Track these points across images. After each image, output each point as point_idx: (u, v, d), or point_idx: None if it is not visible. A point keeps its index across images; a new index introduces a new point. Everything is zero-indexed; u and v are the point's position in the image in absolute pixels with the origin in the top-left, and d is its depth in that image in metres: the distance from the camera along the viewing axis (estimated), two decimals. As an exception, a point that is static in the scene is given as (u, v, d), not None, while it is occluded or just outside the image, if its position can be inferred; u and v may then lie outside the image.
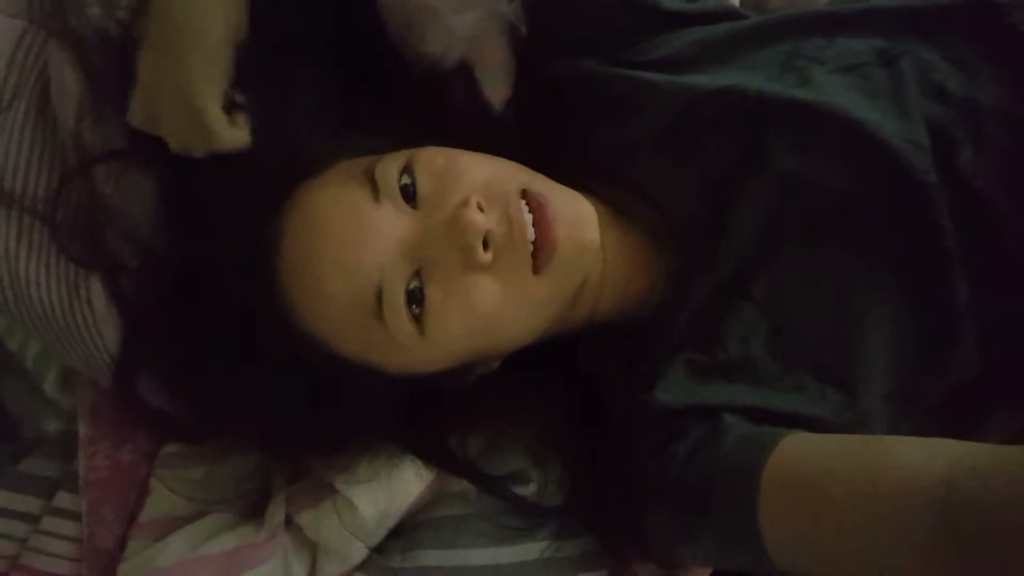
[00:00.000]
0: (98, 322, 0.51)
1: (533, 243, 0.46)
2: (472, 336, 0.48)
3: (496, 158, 0.50)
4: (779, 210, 0.51)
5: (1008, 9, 0.50)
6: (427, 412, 0.54)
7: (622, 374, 0.54)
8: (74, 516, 0.54)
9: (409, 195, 0.47)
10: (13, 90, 0.51)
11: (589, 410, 0.55)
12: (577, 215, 0.49)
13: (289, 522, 0.54)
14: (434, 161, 0.48)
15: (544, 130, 0.57)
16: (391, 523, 0.54)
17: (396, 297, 0.45)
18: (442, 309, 0.46)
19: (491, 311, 0.47)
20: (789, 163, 0.50)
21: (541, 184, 0.49)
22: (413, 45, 0.56)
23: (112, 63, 0.50)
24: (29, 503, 0.54)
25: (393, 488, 0.53)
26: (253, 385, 0.48)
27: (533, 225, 0.46)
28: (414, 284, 0.46)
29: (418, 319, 0.46)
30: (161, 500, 0.54)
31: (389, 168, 0.47)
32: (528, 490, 0.54)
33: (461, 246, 0.45)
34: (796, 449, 0.44)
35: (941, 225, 0.48)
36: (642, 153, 0.55)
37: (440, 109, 0.57)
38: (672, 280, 0.53)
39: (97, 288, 0.51)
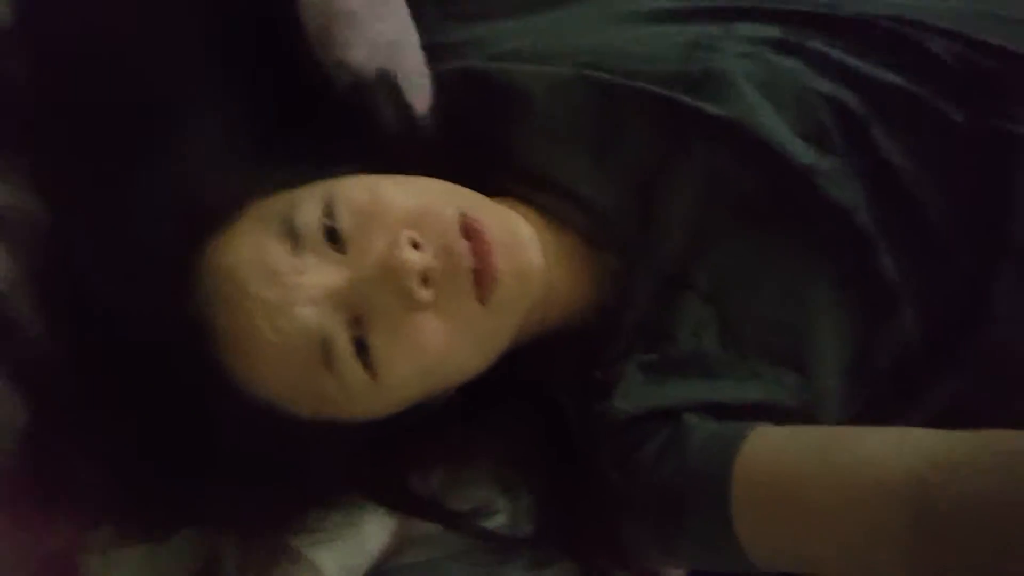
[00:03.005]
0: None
1: (475, 274, 0.44)
2: (425, 375, 0.46)
3: (423, 180, 0.48)
4: (706, 200, 0.51)
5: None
6: (384, 455, 0.51)
7: (576, 385, 0.53)
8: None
9: (334, 236, 0.44)
10: None
11: (550, 428, 0.54)
12: (515, 238, 0.46)
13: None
14: (355, 196, 0.45)
15: (460, 138, 0.55)
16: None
17: (342, 348, 0.43)
18: (389, 354, 0.44)
19: (440, 349, 0.45)
20: (705, 157, 0.51)
21: (476, 207, 0.46)
22: (333, 53, 0.52)
23: None
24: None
25: (357, 541, 0.50)
26: (208, 469, 0.45)
27: (472, 253, 0.44)
28: (357, 332, 0.43)
29: (368, 366, 0.44)
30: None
31: (308, 211, 0.44)
32: (497, 521, 0.52)
33: (397, 288, 0.42)
34: (762, 448, 0.44)
35: (838, 204, 0.49)
36: (560, 151, 0.54)
37: (361, 126, 0.53)
38: (614, 281, 0.53)
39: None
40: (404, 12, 0.55)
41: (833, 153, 0.50)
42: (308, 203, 0.44)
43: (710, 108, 0.50)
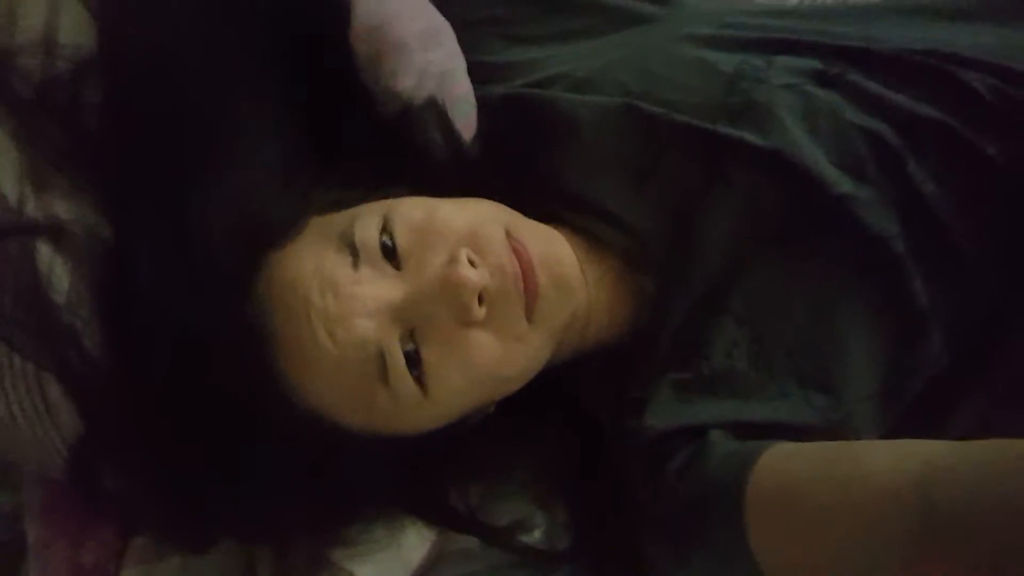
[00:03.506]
0: (53, 413, 0.45)
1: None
2: (474, 391, 0.47)
3: (473, 201, 0.49)
4: (743, 226, 0.52)
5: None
6: (425, 469, 0.51)
7: (611, 402, 0.54)
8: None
9: (391, 253, 0.45)
10: None
11: (586, 445, 0.54)
12: (554, 255, 0.48)
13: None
14: (412, 216, 0.46)
15: (505, 162, 0.57)
16: None
17: (397, 361, 0.44)
18: (442, 368, 0.45)
19: (491, 364, 0.46)
20: (744, 185, 0.52)
21: (518, 225, 0.48)
22: (383, 82, 0.53)
23: (53, 123, 0.45)
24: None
25: (396, 554, 0.50)
26: (253, 479, 0.45)
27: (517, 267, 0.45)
28: (409, 347, 0.44)
29: (420, 380, 0.44)
30: (136, 601, 0.48)
31: (367, 228, 0.45)
32: (534, 536, 0.52)
33: (455, 304, 0.44)
34: (776, 463, 0.44)
35: (873, 231, 0.50)
36: (602, 177, 0.55)
37: (411, 151, 0.54)
38: (651, 302, 0.54)
39: (50, 377, 0.44)
40: (453, 41, 0.57)
41: (869, 183, 0.51)
42: (366, 219, 0.46)
43: (751, 138, 0.52)
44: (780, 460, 0.44)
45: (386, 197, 0.48)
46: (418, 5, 0.56)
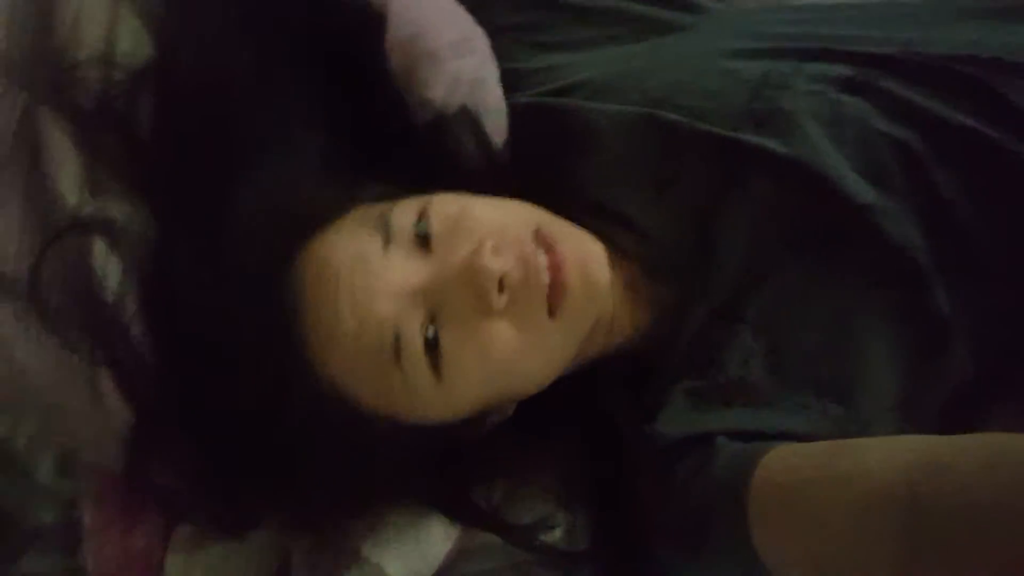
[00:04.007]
0: (106, 404, 0.48)
1: (548, 287, 0.46)
2: (490, 382, 0.48)
3: (508, 201, 0.51)
4: (763, 235, 0.53)
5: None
6: (449, 465, 0.53)
7: (628, 408, 0.55)
8: (83, 611, 0.51)
9: (423, 242, 0.47)
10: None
11: (606, 448, 0.55)
12: (586, 254, 0.49)
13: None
14: (447, 208, 0.48)
15: (528, 169, 0.58)
16: None
17: (413, 343, 0.45)
18: (458, 355, 0.46)
19: (508, 356, 0.47)
20: (765, 193, 0.53)
21: (552, 224, 0.49)
22: (416, 91, 0.56)
23: (111, 130, 0.49)
24: (35, 603, 0.51)
25: (422, 548, 0.52)
26: (280, 447, 0.47)
27: (547, 264, 0.46)
28: (430, 330, 0.45)
29: (435, 366, 0.46)
30: (177, 584, 0.51)
31: (405, 214, 0.47)
32: (555, 536, 0.54)
33: (475, 291, 0.45)
34: (778, 461, 0.45)
35: (896, 242, 0.50)
36: (623, 185, 0.56)
37: (445, 156, 0.57)
38: (669, 311, 0.54)
39: (103, 370, 0.48)
40: (485, 48, 0.59)
41: (893, 192, 0.51)
42: (406, 206, 0.48)
43: (774, 145, 0.52)
44: (783, 459, 0.45)
45: (429, 193, 0.50)
46: (452, 13, 0.58)
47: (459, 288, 0.45)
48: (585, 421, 0.56)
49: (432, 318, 0.46)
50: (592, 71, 0.60)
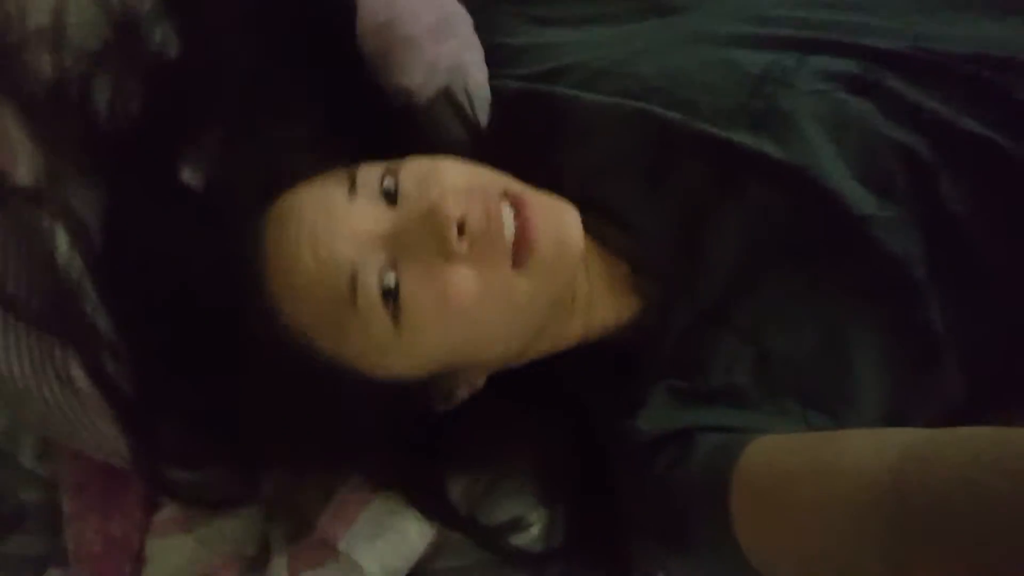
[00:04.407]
0: (78, 392, 0.48)
1: (514, 240, 0.45)
2: (449, 331, 0.47)
3: (481, 166, 0.49)
4: (755, 240, 0.51)
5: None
6: (422, 451, 0.52)
7: (607, 402, 0.53)
8: (66, 592, 0.52)
9: (390, 198, 0.46)
10: None
11: (583, 442, 0.55)
12: (559, 215, 0.48)
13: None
14: (418, 166, 0.48)
15: (517, 156, 0.55)
16: None
17: (370, 287, 0.45)
18: (417, 300, 0.45)
19: (467, 303, 0.45)
20: (759, 198, 0.50)
21: (525, 189, 0.48)
22: (392, 78, 0.53)
23: (67, 118, 0.47)
24: (16, 584, 0.52)
25: (398, 545, 0.52)
26: (242, 396, 0.47)
27: (514, 220, 0.46)
28: (389, 275, 0.45)
29: (394, 315, 0.45)
30: (159, 568, 0.52)
31: (372, 170, 0.47)
32: (533, 533, 0.53)
33: (435, 234, 0.44)
34: (760, 453, 0.43)
35: (893, 255, 0.48)
36: (614, 178, 0.54)
37: (425, 139, 0.54)
38: (654, 307, 0.53)
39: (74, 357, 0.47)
40: (468, 30, 0.56)
41: (895, 201, 0.49)
42: (374, 165, 0.47)
43: (770, 150, 0.50)
44: (765, 450, 0.44)
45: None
46: None
47: (420, 232, 0.45)
48: (565, 415, 0.55)
49: (393, 264, 0.45)
50: (587, 53, 0.57)
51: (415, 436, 0.51)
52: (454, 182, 0.46)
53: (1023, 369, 0.50)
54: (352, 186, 0.46)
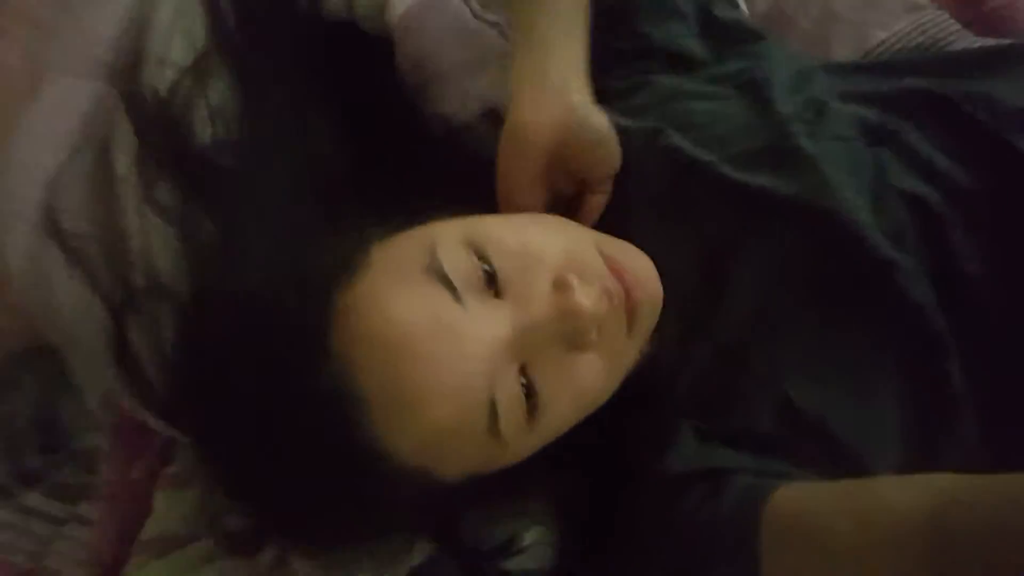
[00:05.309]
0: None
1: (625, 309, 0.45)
2: (577, 415, 0.47)
3: (550, 219, 0.49)
4: (777, 280, 0.49)
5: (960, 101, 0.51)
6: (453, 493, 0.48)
7: (634, 438, 0.52)
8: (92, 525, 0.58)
9: (490, 278, 0.43)
10: (84, 141, 0.55)
11: (595, 471, 0.53)
12: (648, 272, 0.48)
13: (283, 563, 0.53)
14: (504, 240, 0.44)
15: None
16: None
17: (511, 404, 0.41)
18: (554, 398, 0.44)
19: (599, 387, 0.46)
20: (785, 237, 0.50)
21: (607, 243, 0.48)
22: (430, 107, 0.57)
23: (161, 119, 0.53)
24: (58, 508, 0.59)
25: (390, 555, 0.51)
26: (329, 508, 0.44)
27: (615, 283, 0.45)
28: (522, 379, 0.42)
29: (530, 415, 0.43)
30: (160, 519, 0.56)
31: (453, 256, 0.42)
32: (524, 560, 0.51)
33: (573, 334, 0.43)
34: (791, 496, 0.43)
35: (916, 303, 0.47)
36: (639, 211, 0.53)
37: (459, 169, 0.55)
38: (670, 340, 0.51)
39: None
40: (501, 60, 0.56)
41: (909, 252, 0.48)
42: (449, 246, 0.43)
43: (795, 191, 0.49)
44: (795, 493, 0.43)
45: (444, 218, 0.47)
46: (467, 32, 0.58)
47: (553, 332, 0.42)
48: (587, 447, 0.52)
49: (522, 370, 0.42)
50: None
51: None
52: (555, 257, 0.44)
53: None
54: (449, 286, 0.41)
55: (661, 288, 0.48)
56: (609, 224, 0.52)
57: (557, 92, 0.48)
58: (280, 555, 0.52)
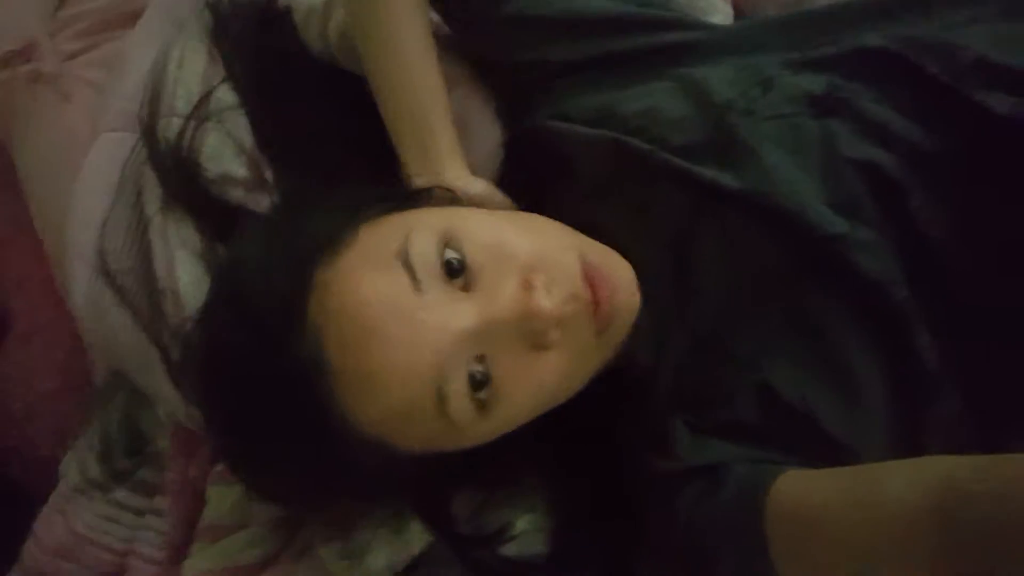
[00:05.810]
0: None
1: (595, 312, 0.46)
2: (536, 410, 0.48)
3: (536, 219, 0.51)
4: (734, 268, 0.50)
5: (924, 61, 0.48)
6: (437, 474, 0.52)
7: (620, 433, 0.54)
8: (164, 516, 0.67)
9: (454, 270, 0.44)
10: (122, 188, 0.64)
11: (582, 460, 0.55)
12: (627, 280, 0.49)
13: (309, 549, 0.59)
14: (481, 235, 0.45)
15: (524, 189, 0.58)
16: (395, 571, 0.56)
17: (459, 392, 0.43)
18: (510, 390, 0.45)
19: (559, 385, 0.47)
20: (727, 227, 0.50)
21: (588, 248, 0.48)
22: None
23: (173, 163, 0.61)
24: (139, 501, 0.68)
25: (401, 544, 0.56)
26: (304, 473, 0.48)
27: (592, 295, 0.46)
28: (477, 369, 0.43)
29: (482, 403, 0.44)
30: (212, 510, 0.64)
31: (424, 245, 0.44)
32: (516, 547, 0.54)
33: (533, 333, 0.44)
34: (793, 483, 0.43)
35: (870, 276, 0.46)
36: (602, 207, 0.54)
37: None
38: (646, 334, 0.52)
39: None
40: (471, 82, 0.61)
41: (867, 224, 0.47)
42: (422, 236, 0.44)
43: (730, 181, 0.49)
44: (796, 482, 0.44)
45: (424, 207, 0.50)
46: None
47: (514, 330, 0.44)
48: (577, 439, 0.55)
49: (480, 359, 0.43)
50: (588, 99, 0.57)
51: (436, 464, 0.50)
52: (527, 254, 0.45)
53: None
54: (412, 274, 0.42)
55: (639, 296, 0.48)
56: (585, 226, 0.52)
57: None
58: (307, 544, 0.59)
